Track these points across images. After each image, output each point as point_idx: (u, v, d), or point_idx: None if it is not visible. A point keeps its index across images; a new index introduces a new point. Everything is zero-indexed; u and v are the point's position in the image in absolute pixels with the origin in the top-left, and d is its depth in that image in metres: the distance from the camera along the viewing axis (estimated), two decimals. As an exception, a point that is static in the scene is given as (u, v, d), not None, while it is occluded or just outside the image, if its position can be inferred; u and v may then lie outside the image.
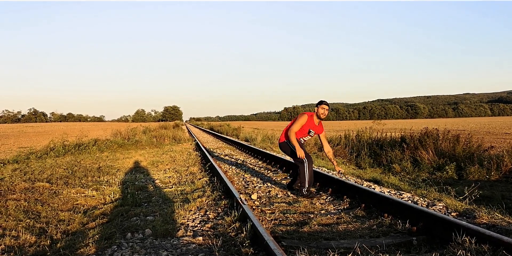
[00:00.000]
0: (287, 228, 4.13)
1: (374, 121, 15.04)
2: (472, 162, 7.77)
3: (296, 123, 5.88)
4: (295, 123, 5.90)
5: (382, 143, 10.95)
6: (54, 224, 4.54)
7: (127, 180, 7.54)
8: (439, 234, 3.55)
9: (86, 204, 5.62)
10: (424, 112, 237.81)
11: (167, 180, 7.53)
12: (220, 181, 6.53)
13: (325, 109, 5.95)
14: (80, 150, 13.52)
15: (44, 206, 5.45)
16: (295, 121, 5.92)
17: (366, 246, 3.35)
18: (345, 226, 4.14)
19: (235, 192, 5.20)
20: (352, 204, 5.12)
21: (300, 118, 5.91)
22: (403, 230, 3.86)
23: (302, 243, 3.58)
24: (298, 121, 5.89)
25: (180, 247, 3.51)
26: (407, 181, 7.01)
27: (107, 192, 6.27)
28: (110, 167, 9.49)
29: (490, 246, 3.01)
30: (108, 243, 3.61)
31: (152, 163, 10.28)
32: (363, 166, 9.64)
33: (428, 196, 5.36)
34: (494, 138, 18.25)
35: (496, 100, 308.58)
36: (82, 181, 7.49)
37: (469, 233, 3.20)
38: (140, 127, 29.14)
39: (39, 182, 7.08)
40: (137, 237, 3.85)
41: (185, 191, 6.27)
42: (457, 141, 8.99)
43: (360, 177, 7.45)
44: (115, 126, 28.44)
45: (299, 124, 5.89)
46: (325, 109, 5.95)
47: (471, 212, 4.34)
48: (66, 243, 3.75)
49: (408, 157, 9.11)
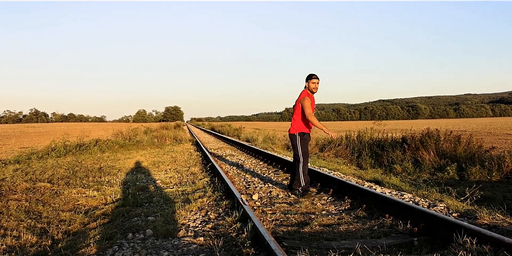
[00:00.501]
0: (288, 229, 4.12)
1: (375, 121, 15.01)
2: (473, 163, 7.75)
3: (307, 106, 5.64)
4: (305, 106, 5.65)
5: (383, 143, 10.93)
6: (55, 224, 4.55)
7: (128, 180, 7.54)
8: (440, 234, 3.55)
9: (87, 205, 5.63)
10: (425, 112, 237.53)
11: (168, 180, 7.54)
12: (221, 181, 6.53)
13: (315, 83, 5.75)
14: (81, 151, 13.55)
15: (45, 206, 5.46)
16: (304, 104, 5.67)
17: (367, 246, 3.35)
18: (346, 227, 4.14)
19: (236, 192, 5.20)
20: (353, 204, 5.12)
21: (306, 99, 5.68)
22: (404, 231, 3.86)
23: (303, 243, 3.57)
24: (306, 102, 5.65)
25: (181, 247, 3.51)
26: (408, 182, 7.00)
27: (108, 193, 6.28)
28: (111, 168, 9.50)
29: (491, 247, 3.00)
30: (109, 243, 3.61)
31: (153, 164, 10.29)
32: (364, 166, 9.63)
33: (429, 196, 5.35)
34: (495, 139, 18.22)
35: (498, 101, 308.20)
36: (83, 181, 7.50)
37: (470, 234, 3.20)
38: (141, 128, 29.16)
39: (40, 182, 7.09)
40: (138, 237, 3.85)
41: (186, 192, 6.27)
42: (458, 142, 8.98)
43: (361, 178, 7.44)
44: (116, 127, 28.43)
45: (309, 104, 5.68)
46: (316, 83, 5.75)
47: (472, 213, 4.33)
48: (67, 243, 3.75)
49: (409, 158, 9.10)
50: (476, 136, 11.73)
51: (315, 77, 5.75)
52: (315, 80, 5.74)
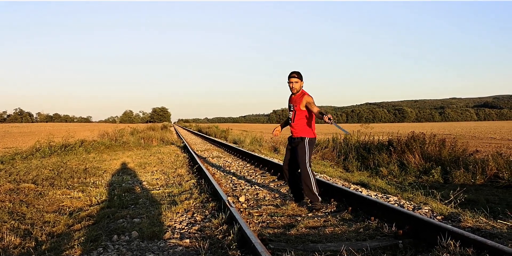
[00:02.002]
0: (274, 231, 4.13)
1: (362, 124, 15.16)
2: (457, 166, 7.85)
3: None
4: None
5: (370, 146, 11.02)
6: (39, 226, 4.49)
7: (114, 181, 7.48)
8: (424, 237, 3.59)
9: (72, 206, 5.57)
10: (412, 116, 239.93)
11: (154, 182, 7.49)
12: (207, 183, 6.52)
13: (292, 83, 5.18)
14: (66, 151, 13.41)
15: (29, 207, 5.39)
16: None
17: (352, 249, 3.37)
18: (332, 229, 4.16)
19: (222, 194, 5.19)
20: (339, 207, 5.14)
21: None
22: (389, 233, 3.89)
23: (289, 245, 3.58)
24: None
25: (167, 249, 3.50)
26: (394, 185, 7.06)
27: (93, 194, 6.22)
28: (97, 169, 9.42)
29: (474, 250, 3.04)
30: (94, 245, 3.58)
31: (140, 165, 10.22)
32: (351, 169, 9.69)
33: (414, 199, 5.40)
34: (479, 143, 18.49)
35: (482, 105, 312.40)
36: (68, 182, 7.42)
37: (454, 237, 3.23)
38: (128, 128, 28.94)
39: (24, 183, 7.00)
40: (124, 239, 3.83)
41: (173, 193, 6.25)
42: (443, 145, 9.09)
43: (348, 180, 7.49)
44: (102, 127, 28.21)
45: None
46: (293, 82, 5.17)
47: (456, 215, 4.38)
48: (51, 245, 3.71)
49: (395, 161, 9.18)
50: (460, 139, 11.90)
51: (290, 75, 5.21)
52: (292, 79, 5.20)
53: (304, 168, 5.08)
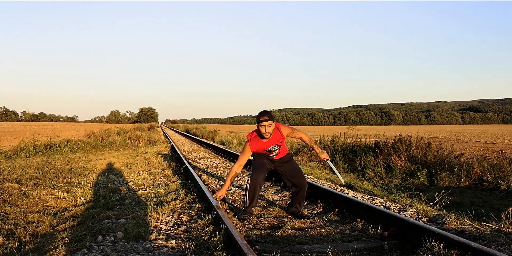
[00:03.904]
0: (261, 232, 4.13)
1: (349, 126, 15.22)
2: (443, 169, 7.93)
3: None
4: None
5: (357, 148, 11.07)
6: (23, 226, 4.43)
7: (100, 182, 7.42)
8: (410, 239, 3.61)
9: (57, 206, 5.50)
10: (398, 119, 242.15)
11: (140, 182, 7.44)
12: (194, 184, 6.49)
13: (265, 126, 4.32)
14: (51, 151, 13.26)
15: (12, 207, 5.31)
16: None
17: (338, 250, 3.38)
18: (318, 231, 4.17)
19: (209, 195, 5.17)
20: (326, 208, 5.16)
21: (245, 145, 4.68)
22: (375, 235, 3.91)
23: (276, 247, 3.58)
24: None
25: (153, 250, 3.47)
26: (380, 187, 7.11)
27: (78, 194, 6.15)
28: (82, 169, 9.32)
29: (458, 251, 3.07)
30: (78, 246, 3.54)
31: (126, 165, 10.14)
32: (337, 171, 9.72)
33: (400, 201, 5.44)
34: (464, 146, 18.73)
35: (467, 109, 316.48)
36: (52, 182, 7.34)
37: (439, 239, 3.27)
38: (115, 128, 28.74)
39: (8, 183, 6.90)
40: (109, 240, 3.79)
41: (159, 194, 6.21)
42: (429, 148, 9.17)
43: (334, 182, 7.52)
44: (89, 127, 27.93)
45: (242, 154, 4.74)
46: (266, 125, 4.32)
47: (441, 218, 4.43)
48: (34, 245, 3.66)
49: (382, 163, 9.24)
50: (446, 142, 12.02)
51: (261, 119, 4.30)
52: (264, 122, 4.31)
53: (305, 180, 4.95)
